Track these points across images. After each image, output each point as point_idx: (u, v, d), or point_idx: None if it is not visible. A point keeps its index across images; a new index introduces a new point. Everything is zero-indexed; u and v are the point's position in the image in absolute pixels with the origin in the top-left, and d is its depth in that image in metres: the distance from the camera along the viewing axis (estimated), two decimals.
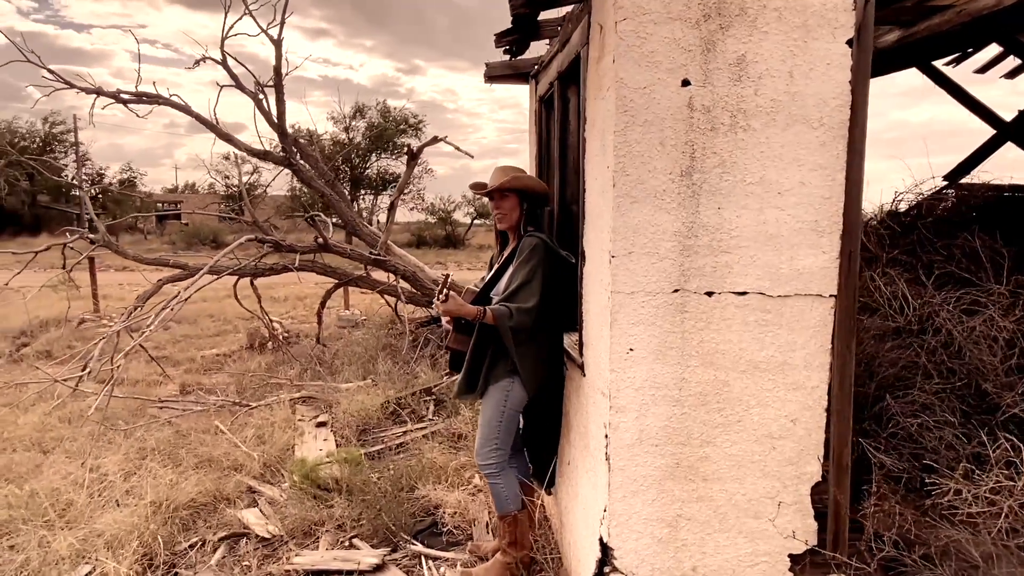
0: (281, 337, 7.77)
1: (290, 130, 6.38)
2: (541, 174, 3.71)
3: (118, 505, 3.48)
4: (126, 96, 6.06)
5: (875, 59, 2.20)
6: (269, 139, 6.53)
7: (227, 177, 27.70)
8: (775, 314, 2.21)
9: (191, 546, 3.33)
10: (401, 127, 23.43)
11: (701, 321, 2.21)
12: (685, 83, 2.11)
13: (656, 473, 2.29)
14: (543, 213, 3.01)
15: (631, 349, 2.23)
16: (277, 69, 6.01)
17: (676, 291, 2.20)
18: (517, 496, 2.85)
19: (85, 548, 3.07)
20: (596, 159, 2.38)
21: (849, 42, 2.11)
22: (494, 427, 2.77)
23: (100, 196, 40.30)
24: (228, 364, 7.27)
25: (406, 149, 5.77)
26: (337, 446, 4.68)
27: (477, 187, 2.95)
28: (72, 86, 5.75)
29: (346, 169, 24.96)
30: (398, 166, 24.89)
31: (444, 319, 2.84)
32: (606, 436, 2.29)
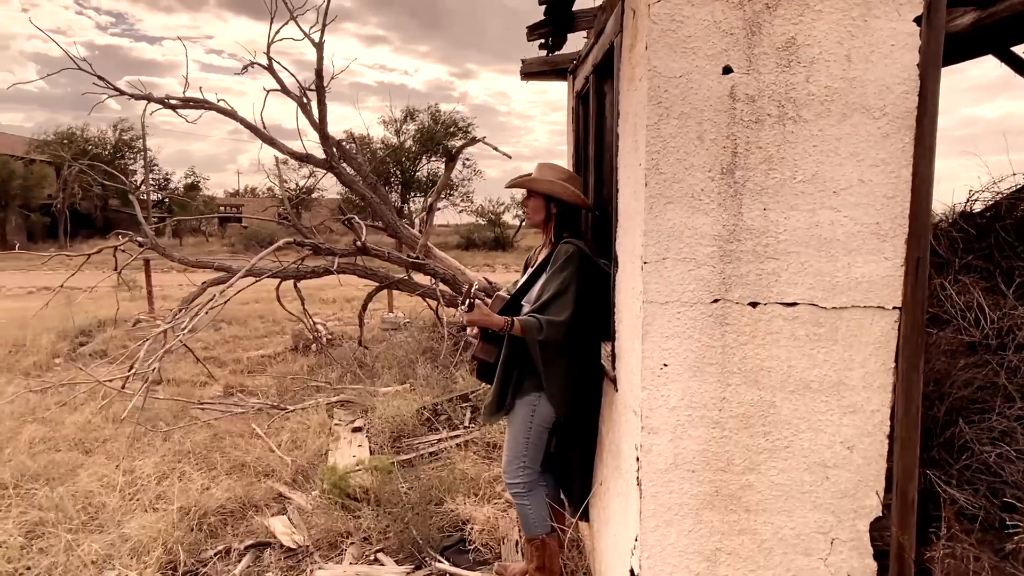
0: (324, 339, 7.80)
1: (343, 134, 6.41)
2: (577, 173, 3.52)
3: (147, 510, 3.46)
4: (173, 101, 6.16)
5: (946, 45, 1.94)
6: (316, 142, 6.54)
7: (285, 181, 28.40)
8: (829, 328, 1.97)
9: (216, 554, 3.27)
10: (451, 130, 23.50)
11: (744, 335, 1.99)
12: (727, 70, 1.90)
13: (693, 502, 2.07)
14: (581, 218, 2.83)
15: (665, 364, 2.03)
16: (319, 72, 6.01)
17: (716, 301, 1.99)
18: (545, 519, 2.67)
19: (111, 553, 3.05)
20: (629, 156, 2.18)
21: (917, 20, 1.86)
22: (521, 444, 2.61)
23: (166, 200, 42.05)
24: (272, 366, 7.32)
25: (444, 147, 5.67)
26: (371, 452, 4.60)
27: (512, 183, 2.82)
28: (121, 92, 5.89)
29: (397, 172, 25.22)
30: (455, 172, 25.00)
31: (470, 329, 2.71)
32: (637, 459, 2.09)
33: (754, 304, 1.98)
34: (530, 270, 2.79)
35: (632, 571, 2.16)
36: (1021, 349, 2.32)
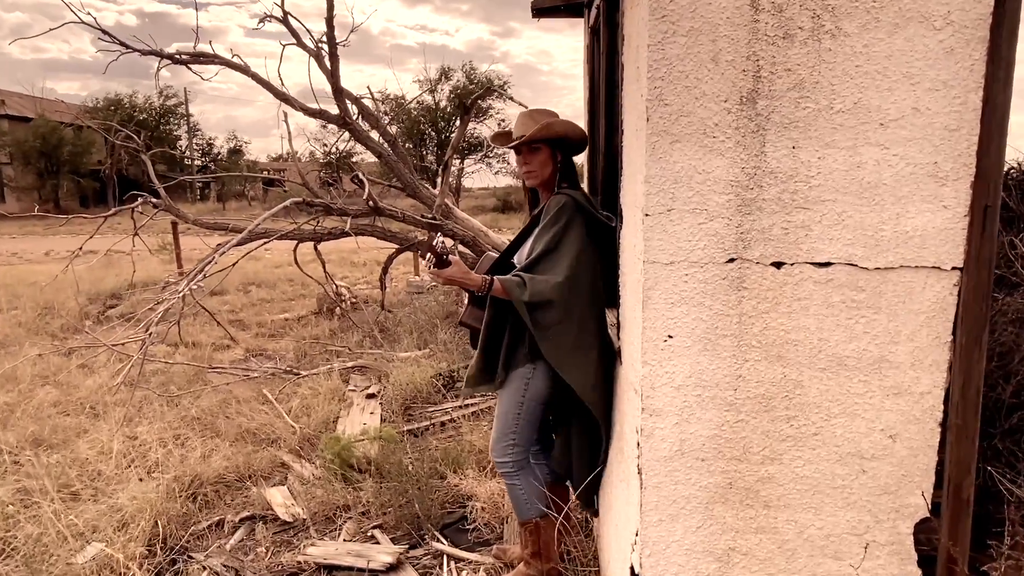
0: (348, 303, 7.65)
1: (378, 95, 6.12)
2: (592, 120, 3.17)
3: (142, 480, 3.35)
4: (184, 57, 5.94)
5: None
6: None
7: (325, 145, 28.39)
8: (871, 293, 1.62)
9: (209, 526, 3.14)
10: (487, 89, 22.88)
11: (766, 301, 1.66)
12: None
13: (702, 494, 1.78)
14: (578, 167, 2.48)
15: (670, 336, 1.71)
16: (329, 21, 5.69)
17: (731, 261, 1.65)
18: (537, 501, 2.41)
19: (99, 525, 2.94)
20: (631, 87, 1.84)
21: None
22: (511, 420, 2.34)
23: (210, 165, 42.69)
24: (294, 329, 7.23)
25: (463, 101, 5.33)
26: (382, 421, 4.42)
27: (500, 139, 2.46)
28: (130, 49, 5.69)
29: (432, 133, 24.85)
30: (484, 129, 24.54)
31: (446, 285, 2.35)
32: (638, 444, 1.80)
33: (778, 264, 1.64)
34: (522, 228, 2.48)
35: (632, 569, 1.89)
36: None
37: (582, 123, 3.44)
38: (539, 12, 3.58)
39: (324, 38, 5.95)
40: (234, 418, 4.26)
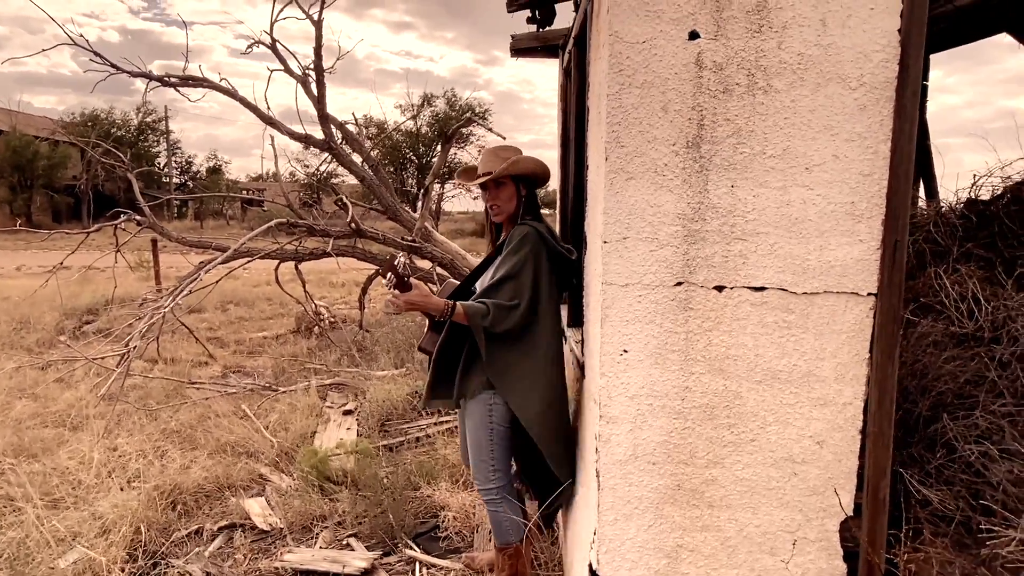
0: (327, 322, 7.77)
1: (361, 120, 6.30)
2: (564, 154, 3.40)
3: (122, 489, 3.44)
4: (173, 80, 6.11)
5: (951, 21, 1.79)
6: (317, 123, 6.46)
7: (306, 166, 28.54)
8: (799, 315, 1.84)
9: (188, 534, 3.24)
10: (466, 115, 23.28)
11: (709, 320, 1.87)
12: (693, 36, 1.77)
13: (653, 495, 1.97)
14: (537, 199, 2.57)
15: (625, 351, 1.92)
16: (317, 50, 5.92)
17: (679, 284, 1.87)
18: (519, 524, 2.50)
19: (81, 531, 3.03)
20: (594, 129, 2.06)
21: None
22: (485, 447, 2.42)
23: (188, 183, 42.47)
24: (272, 347, 7.32)
25: (444, 131, 5.56)
26: (358, 436, 4.55)
27: (465, 176, 2.52)
28: (118, 69, 5.85)
29: (413, 158, 25.13)
30: (465, 155, 24.89)
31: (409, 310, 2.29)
32: (596, 450, 1.99)
33: (720, 288, 1.86)
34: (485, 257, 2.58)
35: (591, 566, 2.06)
36: (1015, 342, 2.17)
37: (556, 154, 3.67)
38: (517, 52, 3.83)
39: (311, 65, 6.16)
40: (213, 431, 4.35)
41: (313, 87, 6.28)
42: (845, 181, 1.77)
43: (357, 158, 6.72)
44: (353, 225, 5.47)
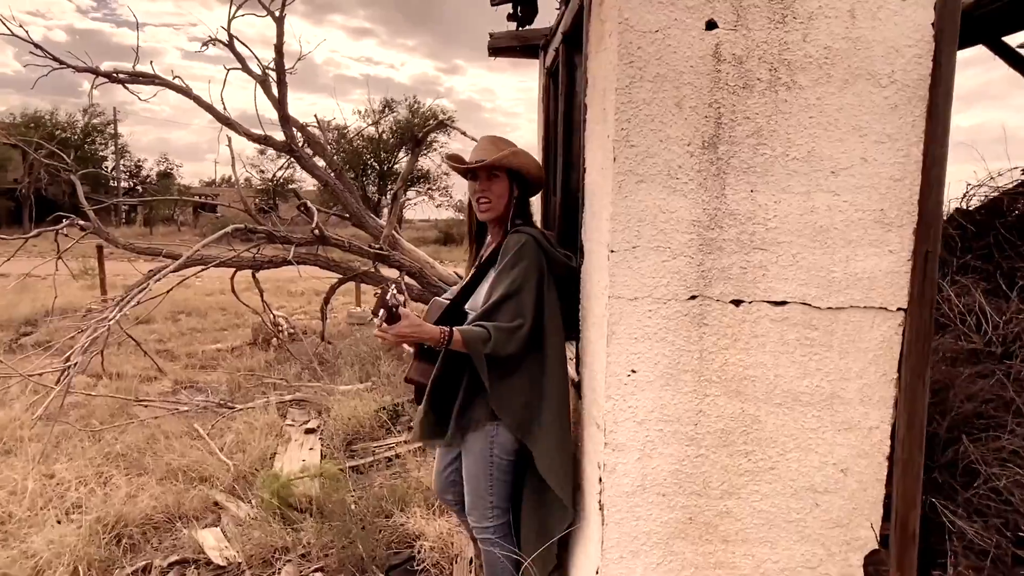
0: (286, 333, 7.42)
1: (313, 119, 6.03)
2: (547, 158, 3.23)
3: (59, 522, 3.10)
4: (122, 76, 5.74)
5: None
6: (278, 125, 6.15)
7: (262, 171, 27.82)
8: (823, 332, 1.69)
9: (135, 572, 2.92)
10: (429, 122, 22.95)
11: (725, 338, 1.71)
12: (710, 25, 1.61)
13: (662, 530, 1.79)
14: (530, 205, 2.34)
15: (633, 371, 1.73)
16: (278, 49, 5.63)
17: (693, 298, 1.70)
18: (512, 568, 2.23)
19: (11, 573, 2.69)
20: (596, 128, 1.89)
21: None
22: (484, 484, 2.16)
23: (138, 188, 40.97)
24: (227, 360, 6.93)
25: (411, 134, 5.34)
26: (323, 457, 4.26)
27: (455, 159, 2.23)
28: (64, 64, 5.46)
29: (374, 164, 24.72)
30: (427, 162, 24.57)
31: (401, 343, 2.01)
32: (600, 480, 1.80)
33: (737, 302, 1.70)
34: (474, 270, 2.26)
35: None
36: None
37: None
38: (495, 51, 3.65)
39: (272, 64, 5.87)
40: (162, 455, 4.01)
41: (274, 87, 5.99)
42: (874, 186, 1.63)
43: (320, 162, 6.44)
44: (317, 231, 5.19)
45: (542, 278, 2.06)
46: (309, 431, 4.73)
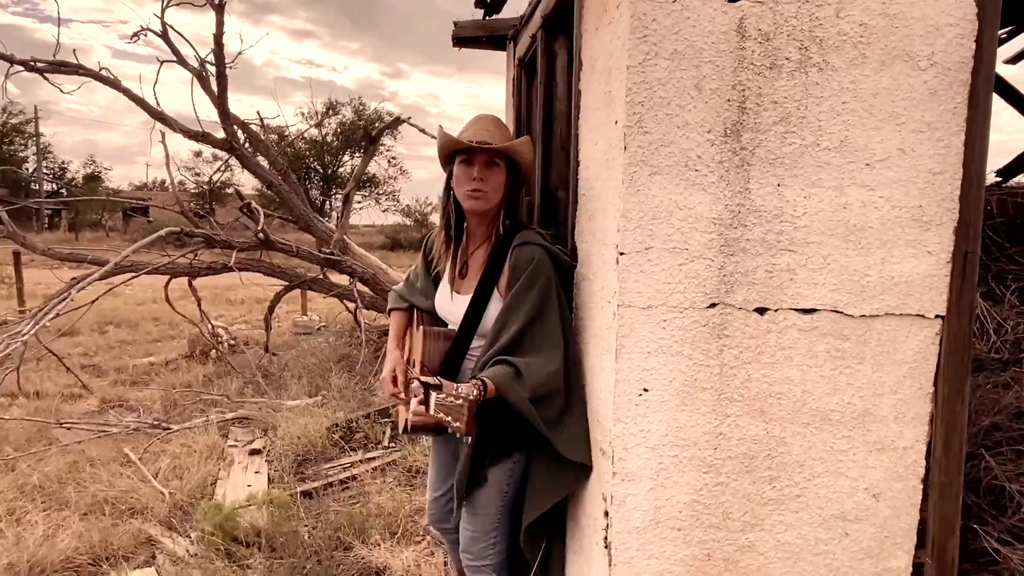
0: (225, 344, 6.95)
1: (267, 121, 5.62)
2: None
3: None
4: (40, 64, 5.23)
5: None
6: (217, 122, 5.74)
7: (197, 174, 26.64)
8: (855, 342, 1.52)
9: None
10: (375, 125, 22.44)
11: (748, 351, 1.51)
12: None
13: (677, 569, 1.58)
14: (523, 203, 2.08)
15: (645, 390, 1.52)
16: (218, 39, 5.24)
17: (713, 306, 1.50)
18: None
19: None
20: (598, 114, 1.67)
21: None
22: (492, 518, 1.88)
23: (62, 191, 38.72)
24: (161, 375, 6.42)
25: (363, 132, 5.04)
26: (270, 481, 3.90)
27: (448, 140, 1.82)
28: None
29: (318, 168, 24.02)
30: (375, 166, 23.97)
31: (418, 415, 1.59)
32: (606, 514, 1.58)
33: (762, 310, 1.51)
34: (463, 281, 1.90)
35: None
36: None
37: None
38: (460, 41, 3.41)
39: (210, 57, 5.48)
40: (87, 485, 3.58)
41: (212, 82, 5.59)
42: (912, 180, 1.47)
43: (263, 162, 6.05)
44: (262, 235, 4.83)
45: (560, 293, 1.78)
46: (254, 452, 4.35)
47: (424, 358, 1.81)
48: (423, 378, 1.52)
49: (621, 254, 1.48)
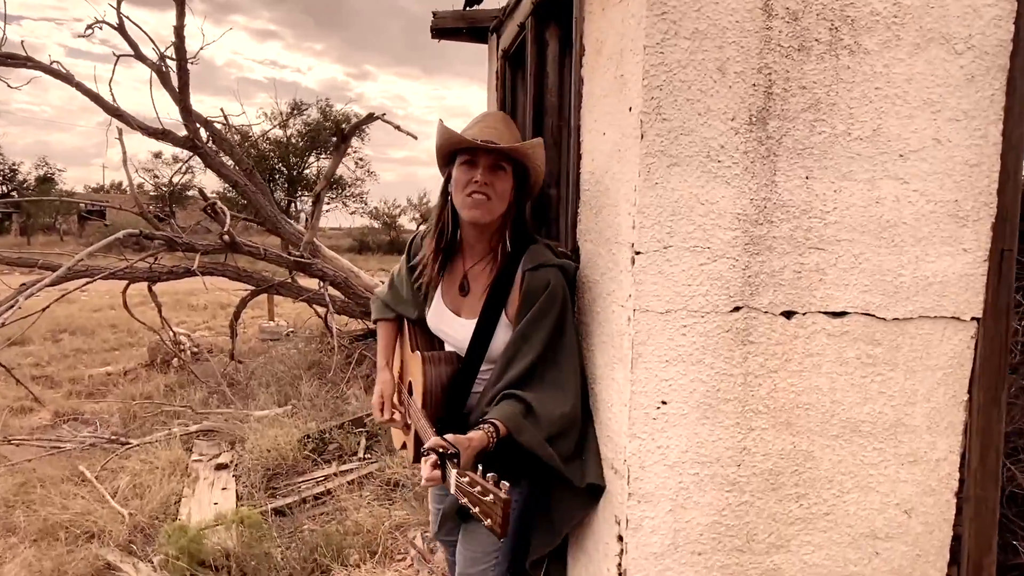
0: (188, 352, 6.65)
1: (232, 118, 5.36)
2: None
3: None
4: None
5: None
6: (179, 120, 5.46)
7: (157, 176, 25.80)
8: (887, 347, 1.41)
9: None
10: (343, 126, 21.95)
11: (775, 358, 1.39)
12: None
13: None
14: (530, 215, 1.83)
15: (664, 402, 1.39)
16: (178, 31, 4.98)
17: (737, 309, 1.38)
18: None
19: None
20: (606, 101, 1.53)
21: None
22: (491, 557, 1.68)
23: (13, 193, 37.27)
24: (120, 386, 6.10)
25: (335, 130, 4.84)
26: (239, 498, 3.68)
27: (450, 136, 1.58)
28: None
29: (283, 169, 23.47)
30: (341, 167, 23.42)
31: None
32: (620, 539, 1.44)
33: (789, 314, 1.39)
34: (464, 299, 1.67)
35: None
36: None
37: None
38: (439, 33, 3.25)
39: (171, 51, 5.21)
40: (38, 508, 3.32)
41: (173, 77, 5.32)
42: (948, 173, 1.37)
43: (228, 161, 5.79)
44: (227, 238, 4.58)
45: (573, 318, 1.61)
46: (221, 467, 4.11)
47: (425, 388, 1.60)
48: (434, 442, 1.33)
49: (637, 253, 1.35)
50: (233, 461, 4.18)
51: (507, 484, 1.15)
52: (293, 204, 22.99)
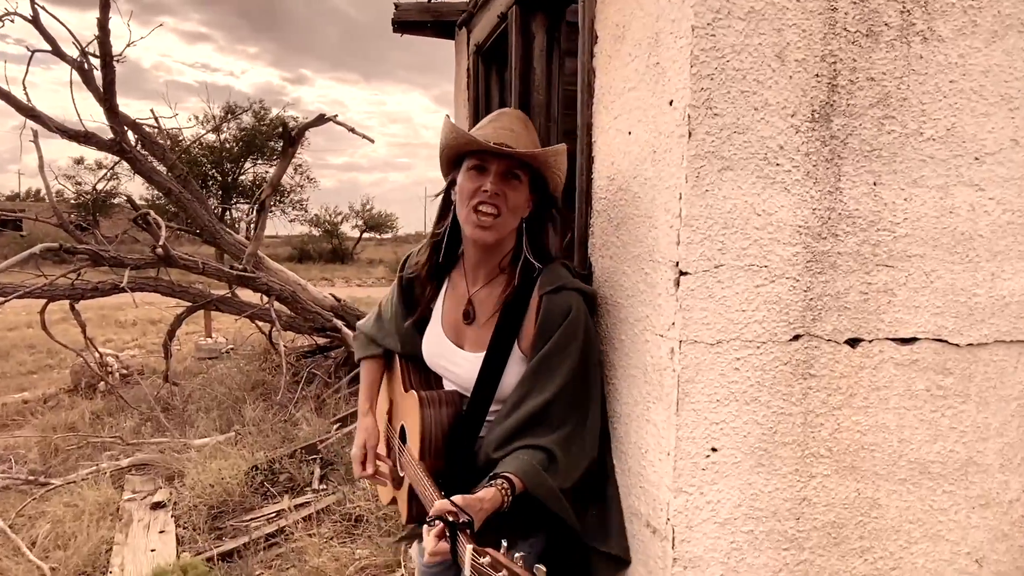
0: (116, 375, 6.10)
1: (149, 115, 4.90)
2: None
3: None
4: None
5: None
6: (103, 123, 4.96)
7: (79, 183, 24.26)
8: (959, 377, 1.24)
9: None
10: (278, 130, 21.16)
11: (838, 393, 1.20)
12: None
13: None
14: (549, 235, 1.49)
15: (714, 449, 1.17)
16: (102, 24, 4.52)
17: (796, 338, 1.18)
18: None
19: None
20: (633, 95, 1.31)
21: None
22: None
23: None
24: (41, 414, 5.52)
25: (281, 131, 4.49)
26: (180, 542, 3.29)
27: (462, 137, 1.32)
28: None
29: (216, 176, 22.46)
30: (272, 171, 22.51)
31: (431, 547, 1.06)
32: None
33: (854, 342, 1.20)
34: (469, 328, 1.41)
35: None
36: None
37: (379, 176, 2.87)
38: (401, 27, 2.99)
39: (94, 48, 4.74)
40: None
41: (97, 76, 4.84)
42: None
43: (160, 167, 5.32)
44: (161, 251, 4.16)
45: (596, 346, 1.39)
46: (157, 506, 3.69)
47: (423, 434, 1.34)
48: (440, 507, 1.06)
49: (683, 274, 1.13)
50: (171, 499, 3.76)
51: (543, 568, 0.90)
52: (228, 212, 22.02)
